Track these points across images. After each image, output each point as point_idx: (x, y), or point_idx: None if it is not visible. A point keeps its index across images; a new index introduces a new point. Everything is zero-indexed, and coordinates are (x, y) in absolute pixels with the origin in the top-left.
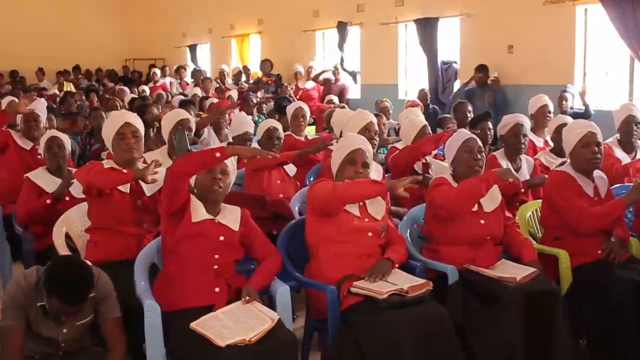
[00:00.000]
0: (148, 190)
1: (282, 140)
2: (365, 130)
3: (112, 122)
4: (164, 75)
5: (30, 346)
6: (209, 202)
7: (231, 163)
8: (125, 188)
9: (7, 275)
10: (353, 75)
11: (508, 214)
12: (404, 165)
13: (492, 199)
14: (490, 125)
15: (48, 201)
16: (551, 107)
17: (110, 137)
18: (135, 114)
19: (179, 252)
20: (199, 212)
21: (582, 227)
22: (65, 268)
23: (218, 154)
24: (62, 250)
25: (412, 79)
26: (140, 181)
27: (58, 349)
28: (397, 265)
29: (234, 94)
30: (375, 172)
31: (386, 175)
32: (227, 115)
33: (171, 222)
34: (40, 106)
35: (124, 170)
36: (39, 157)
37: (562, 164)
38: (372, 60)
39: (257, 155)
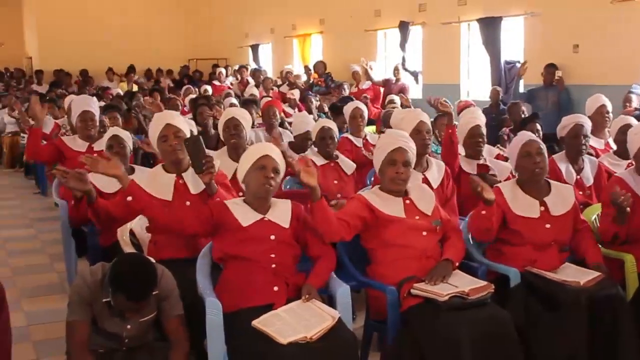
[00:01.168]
0: (194, 188)
1: (335, 140)
2: (417, 131)
3: (154, 126)
4: (227, 74)
5: (95, 340)
6: (258, 200)
7: (282, 162)
8: (167, 195)
9: (72, 271)
10: (414, 75)
11: (582, 217)
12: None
13: (562, 202)
14: (539, 127)
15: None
16: (609, 107)
17: (155, 140)
18: (178, 114)
19: (235, 255)
20: (246, 215)
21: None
22: (131, 266)
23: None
24: (127, 247)
25: (474, 79)
26: (186, 180)
27: (122, 345)
28: (457, 265)
29: (296, 93)
30: (437, 169)
31: None
32: (278, 114)
33: (219, 235)
34: (94, 105)
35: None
36: (96, 155)
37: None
38: (434, 60)
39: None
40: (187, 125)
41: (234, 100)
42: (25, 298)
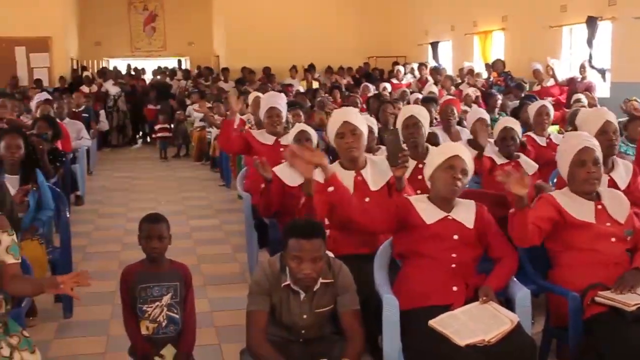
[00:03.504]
0: (373, 185)
1: (517, 140)
2: (603, 132)
3: (333, 122)
4: (405, 72)
5: (273, 331)
6: (442, 199)
7: (471, 163)
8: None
9: (253, 262)
10: (602, 72)
11: None
12: None
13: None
14: None
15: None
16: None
17: (332, 137)
18: (357, 111)
19: (415, 252)
20: (431, 212)
21: None
22: (301, 218)
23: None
24: None
25: None
26: (364, 176)
27: (299, 336)
28: None
29: (472, 92)
30: (624, 169)
31: None
32: (456, 113)
33: (402, 232)
34: (281, 102)
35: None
36: (282, 150)
37: None
38: (625, 57)
39: None
40: (365, 123)
41: (420, 95)
42: (209, 285)
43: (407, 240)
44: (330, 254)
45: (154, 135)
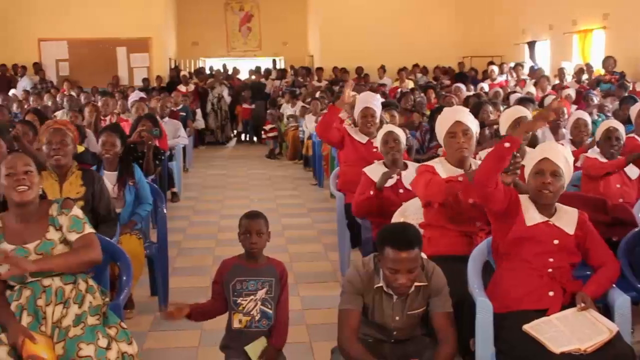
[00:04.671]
0: None
1: (621, 142)
2: None
3: (444, 120)
4: (501, 72)
5: (365, 330)
6: (541, 205)
7: (567, 162)
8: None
9: (345, 262)
10: None
11: None
12: None
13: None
14: None
15: (372, 192)
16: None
17: (442, 135)
18: (468, 111)
19: (512, 254)
20: (532, 214)
21: None
22: (398, 225)
23: (507, 144)
24: None
25: None
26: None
27: (390, 336)
28: None
29: (572, 92)
30: None
31: None
32: (566, 114)
33: (503, 225)
34: (376, 102)
35: (459, 178)
36: (375, 150)
37: None
38: None
39: None
40: (475, 123)
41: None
42: (301, 283)
43: (505, 238)
44: (424, 255)
45: (264, 135)
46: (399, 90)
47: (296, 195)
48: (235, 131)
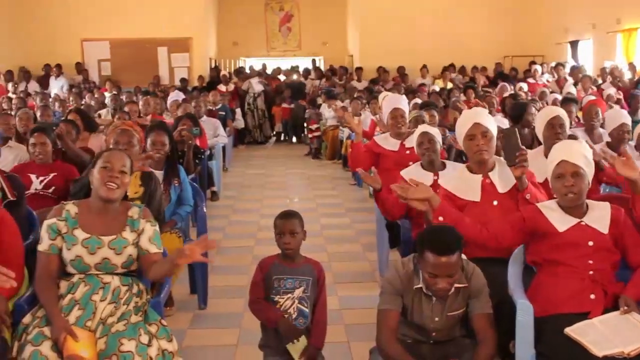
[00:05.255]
0: (501, 187)
1: None
2: None
3: (462, 122)
4: (542, 72)
5: (404, 331)
6: (570, 206)
7: (588, 162)
8: (475, 196)
9: (384, 262)
10: None
11: None
12: None
13: None
14: None
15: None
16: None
17: (462, 138)
18: (486, 112)
19: (550, 260)
20: (563, 219)
21: None
22: (438, 228)
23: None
24: None
25: None
26: (492, 179)
27: (429, 337)
28: None
29: (613, 91)
30: None
31: None
32: (600, 115)
33: (535, 240)
34: (404, 103)
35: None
36: (407, 152)
37: None
38: None
39: None
40: (495, 124)
41: (558, 96)
42: (339, 283)
43: (539, 249)
44: (464, 256)
45: (310, 135)
46: (431, 89)
47: (335, 195)
48: (274, 131)
